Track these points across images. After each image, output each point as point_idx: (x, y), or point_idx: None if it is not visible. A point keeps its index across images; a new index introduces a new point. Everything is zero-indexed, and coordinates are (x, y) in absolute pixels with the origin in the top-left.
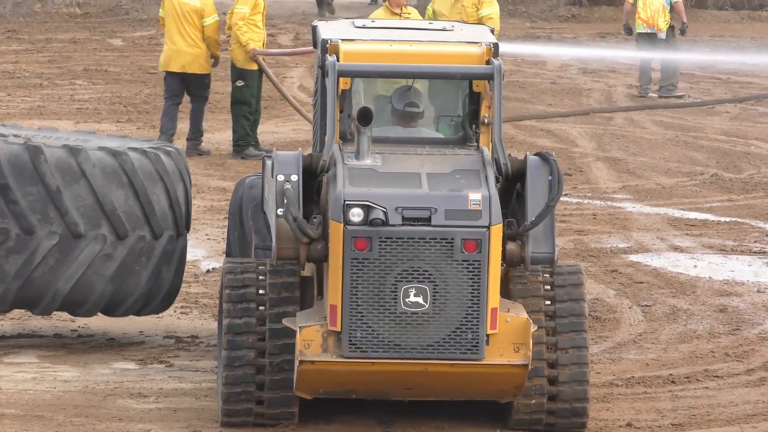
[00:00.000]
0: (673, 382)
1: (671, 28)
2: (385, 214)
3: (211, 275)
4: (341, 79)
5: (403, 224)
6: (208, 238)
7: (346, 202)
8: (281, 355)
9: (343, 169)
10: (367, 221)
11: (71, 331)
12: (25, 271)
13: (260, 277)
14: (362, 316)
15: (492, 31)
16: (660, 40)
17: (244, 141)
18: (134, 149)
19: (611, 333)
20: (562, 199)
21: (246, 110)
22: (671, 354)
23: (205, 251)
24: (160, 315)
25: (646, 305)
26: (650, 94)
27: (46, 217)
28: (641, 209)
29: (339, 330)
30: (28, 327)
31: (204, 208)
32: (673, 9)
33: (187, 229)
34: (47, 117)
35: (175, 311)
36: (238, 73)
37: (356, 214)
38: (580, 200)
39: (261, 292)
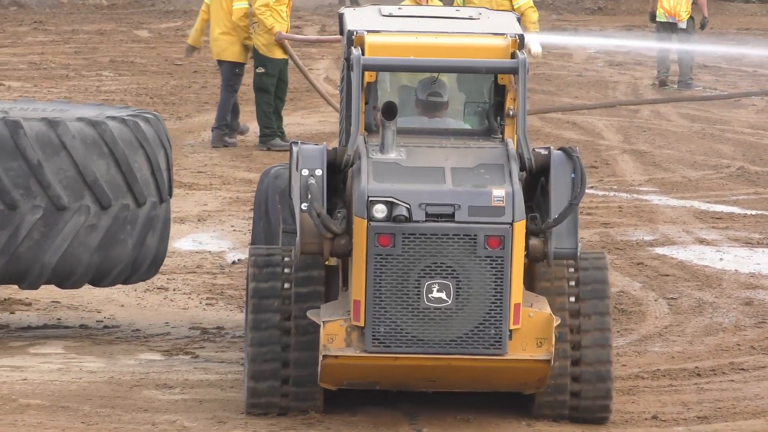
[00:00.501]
0: (698, 374)
1: (691, 19)
2: (409, 210)
3: (237, 267)
4: (366, 72)
5: (426, 220)
6: (234, 230)
7: (370, 198)
8: (306, 351)
9: (367, 163)
10: (390, 217)
11: (97, 321)
12: (10, 246)
13: (286, 270)
14: (386, 312)
15: (519, 19)
16: (680, 30)
17: (270, 130)
18: (113, 118)
19: (637, 326)
20: (587, 191)
21: (265, 97)
22: (697, 347)
23: (230, 243)
24: (186, 306)
25: (672, 298)
26: (670, 85)
27: (29, 192)
28: (667, 202)
29: (362, 325)
30: (54, 317)
31: (230, 200)
32: (695, 2)
33: (170, 194)
34: None
35: (200, 302)
36: (260, 59)
37: (380, 210)
38: (606, 193)
39: (286, 286)
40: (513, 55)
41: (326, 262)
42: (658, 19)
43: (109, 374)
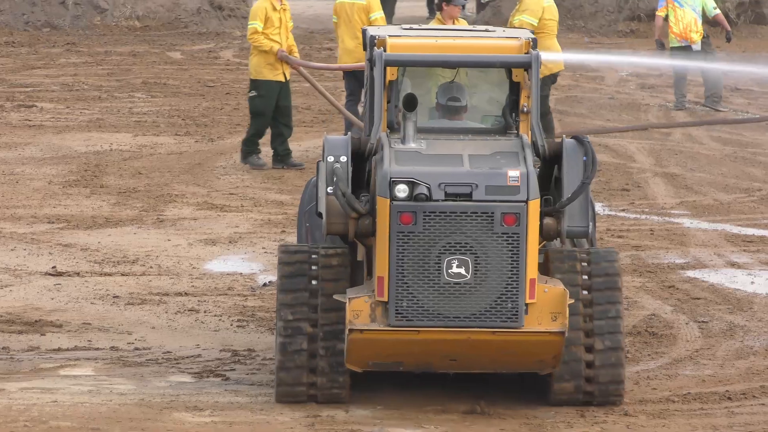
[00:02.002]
0: (729, 398)
1: (706, 37)
2: (429, 189)
3: (268, 288)
4: (388, 69)
5: (446, 199)
6: (265, 252)
7: (392, 179)
8: (332, 341)
9: (389, 151)
10: (411, 197)
11: (127, 344)
12: None
13: (313, 267)
14: (408, 287)
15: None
16: (695, 52)
17: (247, 147)
18: None
19: (668, 349)
20: (619, 214)
21: (258, 122)
22: (728, 370)
23: (261, 265)
24: (217, 328)
25: (703, 321)
26: (686, 106)
27: None
28: (699, 225)
29: (386, 300)
30: (85, 339)
31: (261, 222)
32: (709, 21)
33: None
34: (106, 130)
35: (231, 324)
36: (251, 83)
37: (401, 190)
38: (638, 216)
39: (314, 282)
40: (527, 53)
41: (356, 257)
42: (671, 45)
43: (140, 396)
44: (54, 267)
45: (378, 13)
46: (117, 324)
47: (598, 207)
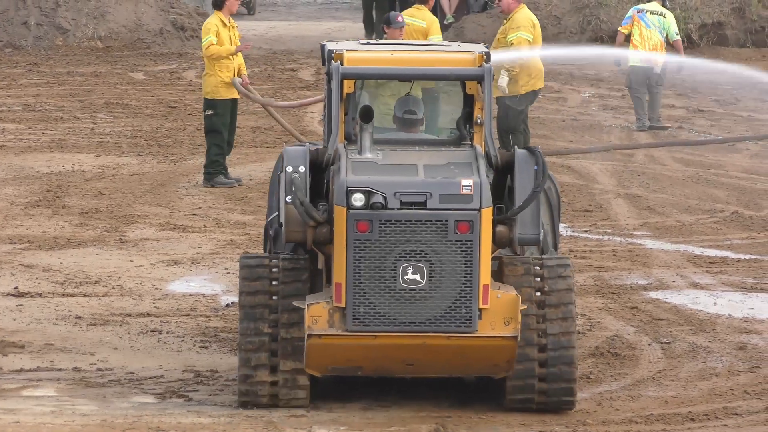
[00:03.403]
0: (692, 419)
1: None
2: (385, 198)
3: (231, 309)
4: (345, 82)
5: (401, 208)
6: (228, 272)
7: (349, 188)
8: (292, 345)
9: (346, 162)
10: (368, 205)
11: (90, 364)
12: None
13: (273, 270)
14: (365, 293)
15: (488, 54)
16: (654, 75)
17: (213, 169)
18: None
19: (630, 370)
20: (582, 235)
21: (217, 138)
22: (690, 391)
23: (224, 285)
24: (179, 348)
25: (666, 342)
26: (648, 126)
27: None
28: (661, 246)
29: (344, 306)
30: (47, 360)
31: (224, 242)
32: (672, 46)
33: None
34: (68, 150)
35: (194, 345)
36: (207, 103)
37: (358, 199)
38: (601, 237)
39: (274, 287)
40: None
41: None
42: (631, 64)
43: (102, 417)
44: (16, 288)
45: (437, 37)
46: (79, 345)
47: (561, 227)
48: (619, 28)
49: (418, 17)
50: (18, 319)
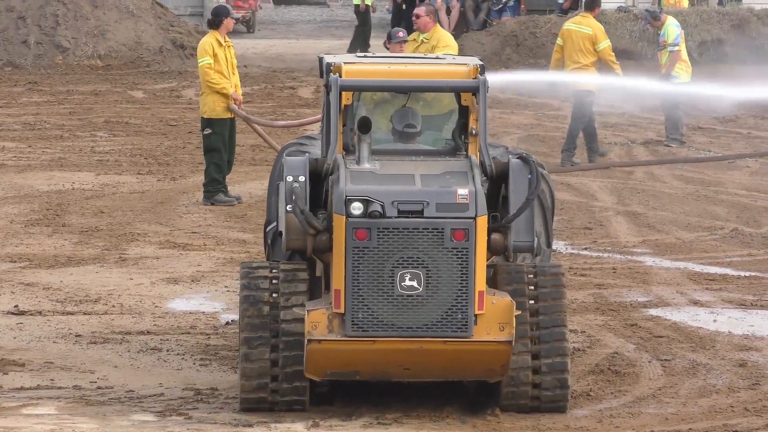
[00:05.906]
0: None
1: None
2: (383, 207)
3: (231, 327)
4: (343, 94)
5: (398, 216)
6: (228, 290)
7: (348, 197)
8: (292, 351)
9: (345, 171)
10: (366, 214)
11: (90, 383)
12: None
13: (273, 281)
14: (363, 299)
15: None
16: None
17: (213, 187)
18: None
19: (630, 387)
20: (581, 252)
21: (216, 157)
22: (690, 408)
23: (224, 303)
24: (179, 367)
25: (666, 359)
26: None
27: None
28: (661, 263)
29: (343, 312)
30: (47, 378)
31: (223, 260)
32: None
33: None
34: (68, 168)
35: (194, 363)
36: (205, 122)
37: (357, 208)
38: (600, 254)
39: (275, 295)
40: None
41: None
42: (681, 80)
43: None
44: (16, 306)
45: (604, 43)
46: (79, 363)
47: (561, 245)
48: (677, 48)
49: (584, 24)
50: (18, 338)
